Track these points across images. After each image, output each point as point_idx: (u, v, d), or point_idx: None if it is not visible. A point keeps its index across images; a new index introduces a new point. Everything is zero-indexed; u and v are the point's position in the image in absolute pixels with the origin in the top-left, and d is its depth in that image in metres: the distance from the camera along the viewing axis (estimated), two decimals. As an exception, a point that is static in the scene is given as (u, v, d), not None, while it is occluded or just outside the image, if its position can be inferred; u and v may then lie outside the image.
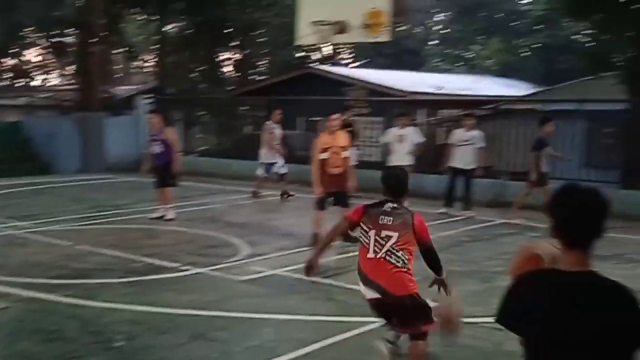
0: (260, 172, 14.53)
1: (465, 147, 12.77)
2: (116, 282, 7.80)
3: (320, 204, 9.87)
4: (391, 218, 4.88)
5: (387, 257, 4.79)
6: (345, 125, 14.80)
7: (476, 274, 8.43)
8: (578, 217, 2.28)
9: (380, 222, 4.87)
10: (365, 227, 4.92)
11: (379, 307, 4.95)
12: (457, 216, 12.59)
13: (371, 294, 4.87)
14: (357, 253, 5.01)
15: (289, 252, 9.43)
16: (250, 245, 9.83)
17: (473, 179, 12.88)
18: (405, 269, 4.81)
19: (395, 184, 5.17)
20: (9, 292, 7.26)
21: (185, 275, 8.20)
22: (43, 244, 9.74)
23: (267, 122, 14.72)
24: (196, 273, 8.27)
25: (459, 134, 13.00)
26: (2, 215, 11.74)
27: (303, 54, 32.64)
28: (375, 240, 4.84)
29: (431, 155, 15.20)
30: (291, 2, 22.18)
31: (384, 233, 4.83)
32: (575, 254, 2.28)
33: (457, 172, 12.92)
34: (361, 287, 4.96)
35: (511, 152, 13.74)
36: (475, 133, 12.88)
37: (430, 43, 38.52)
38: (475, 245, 10.28)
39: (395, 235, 4.81)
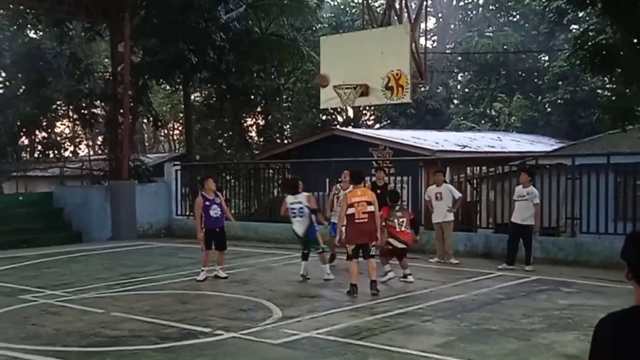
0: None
1: (521, 203, 12.84)
2: (150, 349, 7.78)
3: (354, 254, 10.66)
4: (400, 212, 11.52)
5: (405, 228, 11.37)
6: (377, 186, 14.92)
7: (513, 332, 8.29)
8: None
9: (397, 213, 11.39)
10: (391, 217, 11.28)
11: (399, 251, 11.44)
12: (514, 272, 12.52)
13: (401, 245, 11.41)
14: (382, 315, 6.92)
15: (321, 314, 9.37)
16: (282, 307, 9.78)
17: (531, 234, 12.83)
18: (410, 233, 11.50)
19: (394, 196, 11.98)
20: (43, 361, 7.30)
21: (219, 340, 8.14)
22: (76, 312, 9.78)
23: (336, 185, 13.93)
24: (229, 337, 8.22)
25: (517, 190, 13.05)
26: (35, 285, 11.85)
27: (327, 116, 33.07)
28: (399, 222, 11.30)
29: (461, 213, 15.20)
30: (313, 68, 22.67)
31: (401, 219, 11.32)
32: None
33: (515, 227, 12.94)
34: (396, 243, 11.32)
35: (542, 207, 13.66)
36: (530, 189, 12.93)
37: (453, 102, 38.82)
38: (511, 303, 10.13)
39: (405, 219, 11.42)
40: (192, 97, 30.90)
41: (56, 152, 35.66)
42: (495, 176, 16.01)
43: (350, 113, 34.31)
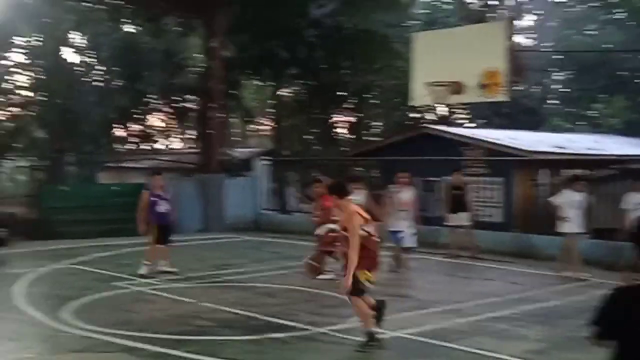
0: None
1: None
2: (238, 340, 7.83)
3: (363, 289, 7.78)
4: None
5: None
6: (454, 187, 14.58)
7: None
8: None
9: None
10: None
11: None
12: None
13: None
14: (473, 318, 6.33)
15: (408, 314, 9.19)
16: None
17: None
18: None
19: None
20: (136, 346, 7.44)
21: (306, 335, 8.11)
22: (168, 301, 9.97)
23: (390, 186, 13.21)
24: (316, 332, 8.16)
25: (634, 198, 12.21)
26: (128, 273, 12.14)
27: (417, 114, 32.61)
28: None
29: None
30: (404, 65, 22.35)
31: None
32: None
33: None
34: None
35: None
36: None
37: (549, 102, 37.59)
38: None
39: None
40: (282, 93, 31.09)
41: (150, 144, 36.74)
42: (596, 180, 15.27)
43: (442, 111, 33.75)
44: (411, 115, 32.24)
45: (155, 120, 36.57)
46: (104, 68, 29.40)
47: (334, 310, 9.38)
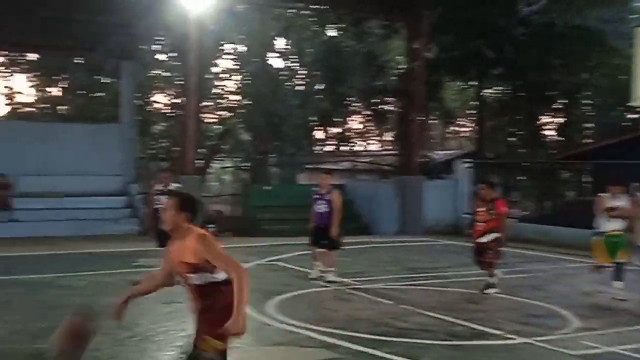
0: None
1: None
2: (439, 344, 7.56)
3: None
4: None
5: None
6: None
7: None
8: None
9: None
10: None
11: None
12: None
13: None
14: None
15: (626, 329, 8.44)
16: (580, 318, 8.94)
17: None
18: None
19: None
20: (336, 343, 7.42)
21: (511, 344, 7.67)
22: (366, 301, 9.92)
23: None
24: (522, 342, 7.69)
25: None
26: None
27: (636, 115, 30.19)
28: None
29: None
30: (621, 62, 20.76)
31: None
32: None
33: None
34: None
35: None
36: None
37: None
38: None
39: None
40: (485, 93, 30.19)
41: (348, 146, 37.43)
42: None
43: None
44: (629, 116, 29.91)
45: (353, 122, 37.21)
46: (306, 72, 30.33)
47: (540, 320, 8.90)
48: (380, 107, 31.69)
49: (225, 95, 31.44)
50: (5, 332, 7.68)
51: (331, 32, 30.32)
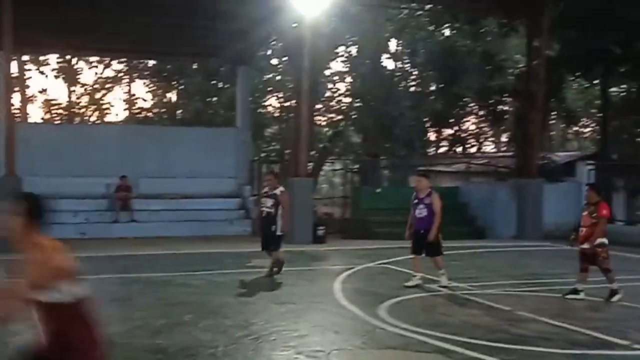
0: None
1: None
2: (559, 353, 7.19)
3: None
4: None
5: None
6: None
7: None
8: None
9: None
10: None
11: None
12: None
13: None
14: None
15: None
16: None
17: None
18: None
19: None
20: (450, 349, 7.21)
21: (636, 355, 7.21)
22: (482, 306, 9.61)
23: None
24: (651, 354, 7.21)
25: None
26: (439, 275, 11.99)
27: None
28: None
29: None
30: None
31: None
32: None
33: None
34: None
35: None
36: None
37: None
38: None
39: None
40: (611, 91, 28.71)
41: (462, 147, 36.68)
42: None
43: None
44: None
45: (468, 123, 36.45)
46: (419, 73, 29.98)
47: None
48: (496, 107, 30.87)
49: (336, 98, 31.62)
50: (127, 328, 7.95)
51: (446, 32, 29.86)
